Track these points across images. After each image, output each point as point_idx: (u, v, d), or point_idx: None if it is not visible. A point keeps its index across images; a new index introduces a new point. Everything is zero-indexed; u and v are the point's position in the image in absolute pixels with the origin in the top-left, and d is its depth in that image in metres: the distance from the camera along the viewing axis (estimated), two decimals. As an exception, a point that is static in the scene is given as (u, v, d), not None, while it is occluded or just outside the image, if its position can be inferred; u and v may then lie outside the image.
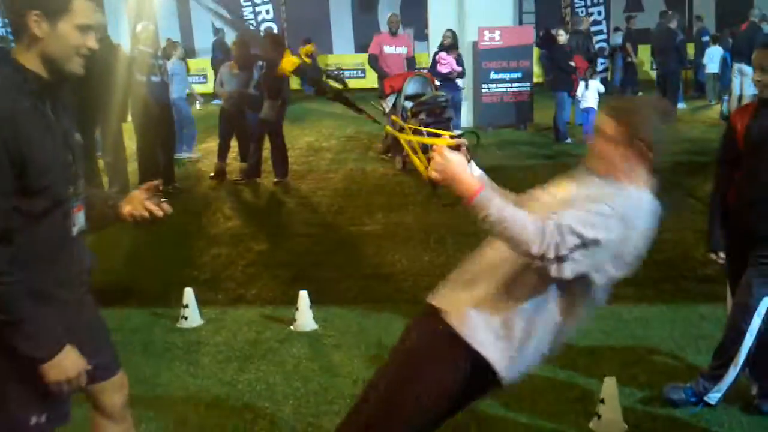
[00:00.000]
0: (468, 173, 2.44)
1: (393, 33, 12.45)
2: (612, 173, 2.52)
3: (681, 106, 16.12)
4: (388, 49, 12.24)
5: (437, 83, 11.37)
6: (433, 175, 2.44)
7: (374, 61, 12.30)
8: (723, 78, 16.03)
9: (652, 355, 4.60)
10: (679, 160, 8.06)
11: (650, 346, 4.73)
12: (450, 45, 13.10)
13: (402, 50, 12.29)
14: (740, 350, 3.83)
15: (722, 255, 4.00)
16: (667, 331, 4.94)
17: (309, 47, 9.84)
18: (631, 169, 2.51)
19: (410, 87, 10.49)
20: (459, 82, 13.30)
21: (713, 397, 3.91)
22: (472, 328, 2.48)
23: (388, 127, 2.73)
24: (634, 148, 2.50)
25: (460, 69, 13.10)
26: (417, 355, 2.59)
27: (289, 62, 3.17)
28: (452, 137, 2.74)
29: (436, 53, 13.08)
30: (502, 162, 10.48)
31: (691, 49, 17.36)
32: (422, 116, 9.92)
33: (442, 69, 12.78)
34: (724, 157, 3.98)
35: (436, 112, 10.14)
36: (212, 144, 10.88)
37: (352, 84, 20.32)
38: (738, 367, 3.85)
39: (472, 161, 2.56)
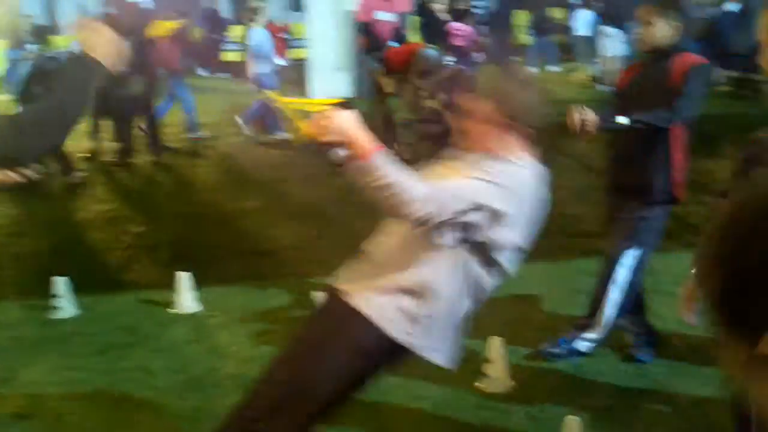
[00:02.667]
0: (362, 131, 2.30)
1: None
2: (486, 150, 2.51)
3: (554, 68, 16.56)
4: (381, 16, 10.35)
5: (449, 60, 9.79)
6: (326, 136, 2.28)
7: (366, 30, 10.42)
8: (592, 40, 16.52)
9: (534, 312, 4.70)
10: (552, 121, 8.25)
11: (531, 302, 4.84)
12: (464, 11, 11.36)
13: (392, 17, 10.49)
14: (606, 300, 3.96)
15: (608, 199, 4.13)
16: (546, 287, 5.06)
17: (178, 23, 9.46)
18: (503, 141, 2.50)
19: (423, 62, 9.14)
20: (475, 56, 11.48)
21: (583, 345, 4.05)
22: (376, 307, 2.45)
23: (271, 93, 2.56)
24: (498, 122, 2.48)
25: (479, 40, 11.43)
26: (323, 336, 2.55)
27: (162, 27, 2.98)
28: (341, 105, 2.63)
29: (445, 22, 11.16)
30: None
31: (563, 13, 17.83)
32: (443, 96, 9.26)
33: (458, 42, 10.77)
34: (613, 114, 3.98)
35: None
36: (82, 124, 10.41)
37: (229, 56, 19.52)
38: (605, 316, 3.98)
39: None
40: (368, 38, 9.40)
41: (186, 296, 5.01)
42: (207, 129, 11.30)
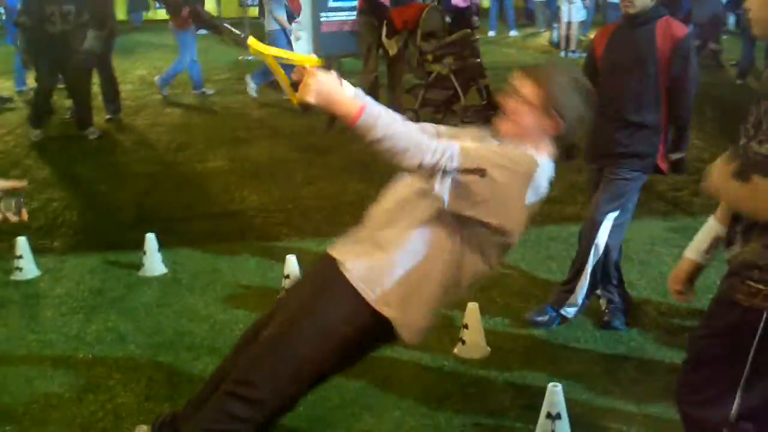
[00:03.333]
0: (346, 93, 2.26)
1: None
2: (520, 137, 2.45)
3: (513, 33, 16.54)
4: None
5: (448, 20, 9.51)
6: (309, 99, 2.22)
7: None
8: (551, 6, 16.53)
9: (507, 278, 4.70)
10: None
11: (503, 269, 4.83)
12: None
13: None
14: (587, 263, 3.98)
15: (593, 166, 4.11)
16: (518, 253, 5.06)
17: None
18: (540, 136, 2.46)
19: (428, 23, 8.61)
20: (475, 19, 11.19)
21: (569, 311, 4.08)
22: (367, 281, 2.43)
23: (254, 42, 2.42)
24: (548, 116, 2.44)
25: (477, 2, 11.16)
26: (313, 302, 2.51)
27: None
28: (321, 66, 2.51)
29: None
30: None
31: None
32: (448, 60, 8.42)
33: (459, 2, 10.44)
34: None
35: (465, 56, 8.54)
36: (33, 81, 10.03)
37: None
38: (587, 280, 4.01)
39: (344, 80, 2.33)
40: None
41: (153, 258, 4.89)
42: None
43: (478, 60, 8.65)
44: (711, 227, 2.31)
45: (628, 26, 3.87)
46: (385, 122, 2.21)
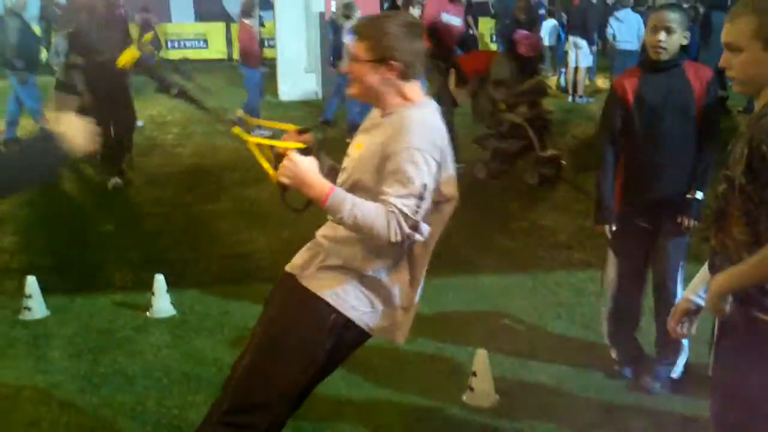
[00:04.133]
0: (318, 177, 2.45)
1: None
2: (381, 101, 2.56)
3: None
4: (447, 18, 8.67)
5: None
6: (283, 180, 2.45)
7: (436, 34, 8.32)
8: (558, 51, 16.68)
9: (515, 324, 4.69)
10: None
11: (513, 315, 4.83)
12: (529, 19, 10.20)
13: (458, 21, 8.96)
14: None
15: (613, 227, 3.92)
16: (527, 299, 5.06)
17: (149, 36, 9.10)
18: (395, 86, 2.54)
19: (498, 70, 8.19)
20: (541, 67, 10.67)
21: (676, 370, 3.96)
22: (325, 286, 2.53)
23: (238, 130, 2.67)
24: (389, 67, 2.51)
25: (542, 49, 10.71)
26: (280, 322, 2.61)
27: (129, 55, 2.95)
28: (300, 131, 2.66)
29: (513, 29, 9.66)
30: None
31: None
32: (522, 109, 8.06)
33: (525, 51, 9.47)
34: (612, 127, 3.85)
35: (538, 104, 8.23)
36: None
37: (192, 55, 19.65)
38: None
39: (322, 153, 2.62)
40: (434, 42, 8.11)
41: (161, 300, 4.90)
42: (176, 126, 11.17)
43: (551, 109, 8.45)
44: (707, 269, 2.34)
45: (658, 71, 3.76)
46: (348, 207, 2.39)
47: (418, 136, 2.43)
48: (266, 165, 2.60)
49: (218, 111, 2.75)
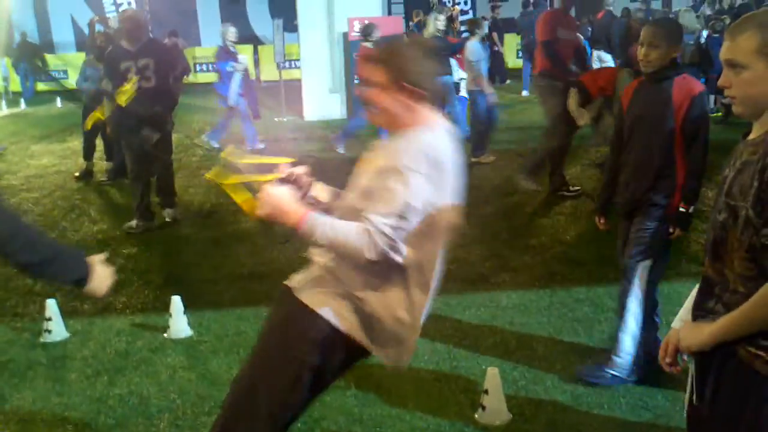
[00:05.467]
0: (292, 204, 2.49)
1: (567, 10, 8.68)
2: (393, 123, 2.57)
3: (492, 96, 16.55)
4: (562, 34, 8.17)
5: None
6: (260, 213, 2.51)
7: (552, 50, 8.04)
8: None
9: (530, 341, 4.65)
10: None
11: (529, 332, 4.78)
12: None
13: (572, 36, 8.51)
14: (626, 316, 4.04)
15: (602, 221, 4.28)
16: (544, 315, 5.01)
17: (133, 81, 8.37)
18: (410, 111, 2.54)
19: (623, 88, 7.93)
20: None
21: (617, 371, 4.11)
22: (319, 300, 2.53)
23: (213, 174, 2.76)
24: (404, 91, 2.52)
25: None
26: (271, 336, 2.63)
27: (123, 93, 3.07)
28: (293, 165, 2.73)
29: (629, 43, 9.31)
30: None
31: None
32: None
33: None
34: (616, 133, 4.16)
35: None
36: (76, 143, 10.32)
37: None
38: (630, 334, 4.06)
39: (313, 183, 2.71)
40: (551, 60, 7.96)
41: (179, 321, 4.94)
42: (200, 148, 11.27)
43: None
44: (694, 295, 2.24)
45: (649, 82, 3.96)
46: (322, 230, 2.43)
47: (410, 156, 2.43)
48: (240, 202, 2.68)
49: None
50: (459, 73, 10.34)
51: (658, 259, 4.00)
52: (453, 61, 10.13)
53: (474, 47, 9.72)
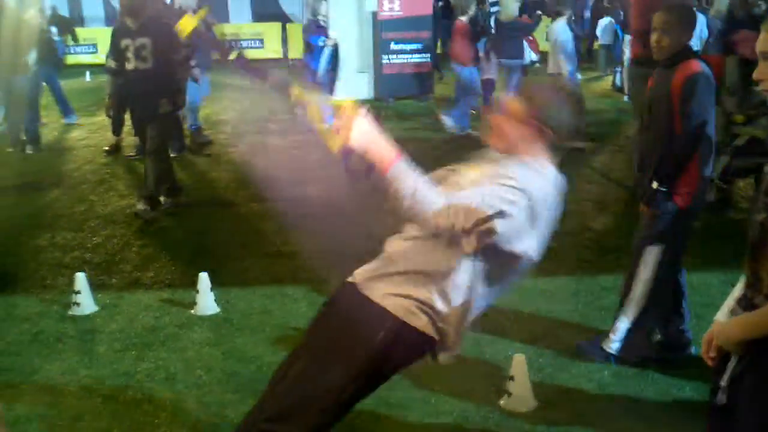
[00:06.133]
0: (383, 141, 2.32)
1: None
2: (511, 150, 2.52)
3: (577, 76, 16.42)
4: None
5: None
6: (350, 141, 2.29)
7: (641, 37, 7.38)
8: (614, 49, 16.41)
9: (558, 328, 4.63)
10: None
11: (555, 318, 4.76)
12: (748, 16, 8.93)
13: None
14: (630, 295, 4.15)
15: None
16: (571, 303, 4.99)
17: (202, 12, 8.95)
18: (529, 145, 2.50)
19: (732, 77, 7.48)
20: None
21: (613, 345, 4.21)
22: (391, 297, 2.45)
23: (298, 90, 2.51)
24: (530, 125, 2.49)
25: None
26: (338, 331, 2.53)
27: (187, 23, 2.93)
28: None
29: (729, 29, 8.84)
30: (403, 134, 10.39)
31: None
32: (763, 121, 7.06)
33: (750, 54, 8.57)
34: (641, 119, 4.37)
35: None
36: (105, 118, 10.37)
37: (249, 54, 19.65)
38: (631, 314, 4.16)
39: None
40: (643, 47, 7.88)
41: (206, 297, 4.97)
42: (228, 125, 11.31)
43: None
44: (739, 289, 2.22)
45: (663, 68, 3.98)
46: (412, 178, 2.28)
47: (526, 176, 2.39)
48: (324, 131, 2.42)
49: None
50: (531, 55, 10.32)
51: (668, 247, 3.99)
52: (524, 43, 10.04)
53: (561, 28, 9.60)
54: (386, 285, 2.48)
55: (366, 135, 2.31)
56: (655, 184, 3.89)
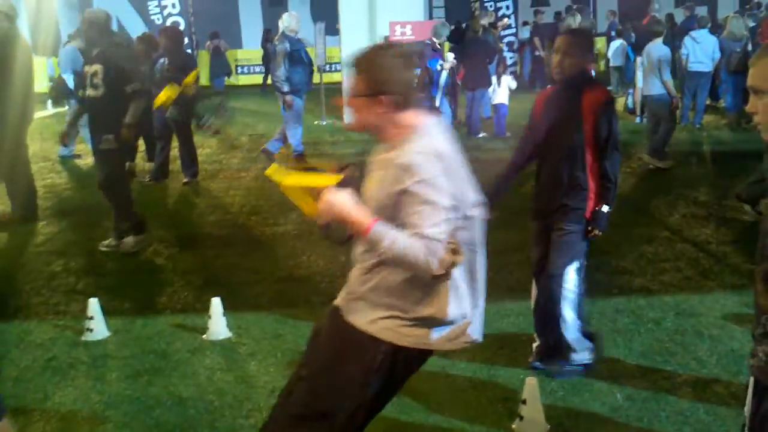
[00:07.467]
0: (358, 209, 2.46)
1: None
2: (380, 135, 2.59)
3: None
4: None
5: None
6: (323, 217, 2.49)
7: None
8: (626, 71, 16.41)
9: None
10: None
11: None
12: None
13: None
14: (561, 323, 4.23)
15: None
16: (584, 325, 4.95)
17: (192, 76, 8.59)
18: (391, 119, 2.54)
19: None
20: None
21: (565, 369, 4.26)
22: (374, 322, 2.54)
23: (272, 170, 2.70)
24: (383, 101, 2.52)
25: None
26: (333, 356, 2.62)
27: (165, 94, 3.06)
28: (342, 168, 2.69)
29: None
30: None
31: (601, 42, 17.82)
32: None
33: None
34: (524, 138, 4.30)
35: None
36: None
37: (261, 80, 19.98)
38: (570, 338, 4.24)
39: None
40: None
41: (218, 322, 4.98)
42: (241, 150, 11.37)
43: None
44: None
45: (561, 89, 4.06)
46: (390, 240, 2.39)
47: (421, 166, 2.44)
48: (303, 205, 2.65)
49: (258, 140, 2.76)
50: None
51: (581, 259, 4.16)
52: None
53: (660, 48, 9.63)
54: (366, 306, 2.57)
55: (337, 209, 2.45)
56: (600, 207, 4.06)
